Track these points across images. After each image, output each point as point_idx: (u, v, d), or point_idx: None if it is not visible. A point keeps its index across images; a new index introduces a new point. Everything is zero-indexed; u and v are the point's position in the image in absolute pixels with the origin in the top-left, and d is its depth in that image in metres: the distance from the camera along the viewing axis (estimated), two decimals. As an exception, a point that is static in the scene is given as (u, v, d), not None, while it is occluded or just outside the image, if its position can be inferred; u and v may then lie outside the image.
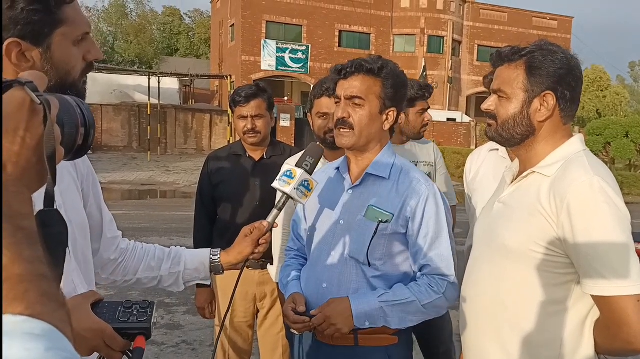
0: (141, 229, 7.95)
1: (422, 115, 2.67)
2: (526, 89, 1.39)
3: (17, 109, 0.55)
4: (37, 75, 0.62)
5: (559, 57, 1.37)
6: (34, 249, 0.50)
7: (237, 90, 2.55)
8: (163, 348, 3.92)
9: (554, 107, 1.38)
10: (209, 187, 2.59)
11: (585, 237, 1.24)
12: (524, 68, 1.39)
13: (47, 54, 1.03)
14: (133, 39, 44.32)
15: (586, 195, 1.25)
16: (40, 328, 0.43)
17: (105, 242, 1.40)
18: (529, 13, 33.61)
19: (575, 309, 1.33)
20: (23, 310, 0.44)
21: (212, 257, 1.50)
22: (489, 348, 1.44)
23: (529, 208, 1.34)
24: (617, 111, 44.96)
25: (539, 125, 1.40)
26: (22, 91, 0.56)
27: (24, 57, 1.01)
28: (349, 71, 1.65)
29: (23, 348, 0.40)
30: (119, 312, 1.11)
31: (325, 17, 28.92)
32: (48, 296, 0.47)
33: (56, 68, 1.05)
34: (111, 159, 18.39)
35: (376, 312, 1.58)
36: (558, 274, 1.32)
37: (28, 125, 0.56)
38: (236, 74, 25.90)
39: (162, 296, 4.98)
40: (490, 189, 2.13)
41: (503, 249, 1.40)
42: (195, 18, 51.32)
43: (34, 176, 0.57)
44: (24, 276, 0.46)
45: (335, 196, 1.75)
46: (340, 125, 1.66)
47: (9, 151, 0.54)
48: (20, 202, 0.53)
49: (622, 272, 1.21)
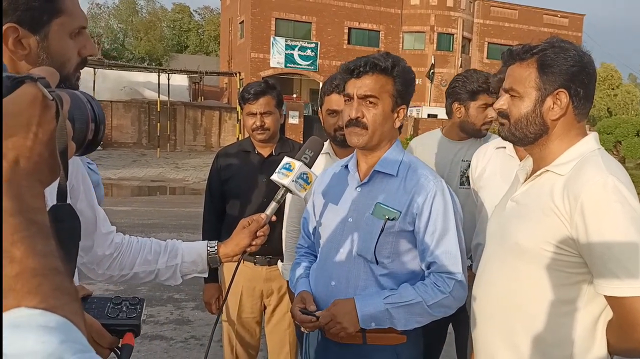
0: (151, 225, 7.99)
1: (485, 110, 2.44)
2: (538, 88, 1.37)
3: (29, 105, 0.56)
4: (49, 71, 0.63)
5: (571, 54, 1.35)
6: (47, 243, 0.51)
7: (246, 87, 2.55)
8: (172, 343, 3.94)
9: (567, 105, 1.36)
10: (218, 183, 2.60)
11: (598, 237, 1.22)
12: (536, 66, 1.38)
13: (43, 42, 1.04)
14: (143, 35, 44.51)
15: (600, 195, 1.24)
16: (54, 321, 0.44)
17: (99, 239, 1.39)
18: (540, 10, 33.32)
19: (588, 309, 1.31)
20: (37, 303, 0.45)
21: (210, 249, 1.50)
22: (500, 347, 1.43)
23: (543, 207, 1.33)
24: (628, 110, 44.49)
25: (552, 123, 1.38)
26: (35, 87, 0.57)
27: (21, 44, 1.01)
28: (362, 70, 1.62)
29: (39, 340, 0.41)
30: (107, 308, 1.09)
31: (334, 14, 28.86)
32: (61, 289, 0.48)
33: (52, 58, 1.05)
34: (121, 156, 18.49)
35: (381, 314, 1.57)
36: (571, 273, 1.31)
37: (40, 120, 0.57)
38: (245, 71, 25.92)
39: (172, 292, 5.01)
40: (497, 186, 2.11)
41: (516, 249, 1.39)
42: (205, 15, 51.43)
43: (46, 171, 0.58)
44: (37, 270, 0.47)
45: (343, 193, 1.75)
46: (354, 125, 1.64)
47: (22, 145, 0.55)
48: (33, 197, 0.53)
49: (636, 272, 1.19)
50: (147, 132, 21.35)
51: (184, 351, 3.82)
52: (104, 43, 40.71)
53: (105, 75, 21.47)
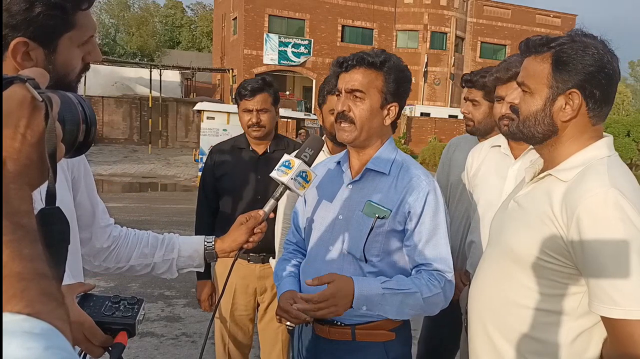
0: (142, 222, 7.95)
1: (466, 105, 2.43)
2: (550, 85, 1.27)
3: (18, 106, 0.55)
4: (39, 72, 0.62)
5: (590, 51, 1.24)
6: (34, 247, 0.50)
7: (243, 83, 2.53)
8: (163, 340, 3.93)
9: (579, 106, 1.25)
10: (211, 179, 2.59)
11: (594, 255, 1.16)
12: (551, 61, 1.27)
13: (52, 55, 1.03)
14: (135, 31, 44.22)
15: (598, 210, 1.16)
16: (39, 327, 0.43)
17: (98, 231, 1.38)
18: (533, 10, 33.50)
19: (579, 322, 1.26)
20: (22, 308, 0.44)
21: (207, 244, 1.50)
22: (486, 350, 1.41)
23: (541, 214, 1.26)
24: (619, 110, 44.88)
25: (563, 125, 1.28)
26: (24, 88, 0.56)
27: (28, 56, 1.00)
28: (350, 64, 1.63)
29: (23, 346, 0.40)
30: (105, 306, 1.08)
31: (328, 12, 28.83)
32: (47, 294, 0.47)
33: (57, 70, 1.04)
34: (112, 152, 18.38)
35: (377, 298, 1.54)
36: (565, 284, 1.25)
37: (29, 122, 0.56)
38: (238, 67, 25.85)
39: (162, 289, 4.99)
40: (491, 185, 2.12)
41: (510, 253, 1.34)
42: (198, 11, 51.23)
43: (35, 173, 0.57)
44: (23, 274, 0.46)
45: (335, 190, 1.74)
46: (341, 119, 1.64)
47: (10, 147, 0.54)
48: (20, 199, 0.52)
49: (631, 295, 1.13)
50: (139, 128, 21.25)
51: (175, 348, 3.81)
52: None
53: (97, 71, 21.33)
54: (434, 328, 2.61)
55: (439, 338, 2.58)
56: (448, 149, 2.71)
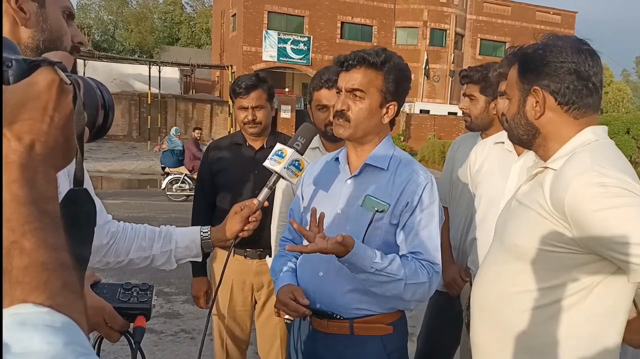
0: (141, 218, 7.93)
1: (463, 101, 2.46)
2: (520, 88, 1.36)
3: (46, 89, 0.56)
4: (64, 56, 0.63)
5: (550, 49, 1.31)
6: (58, 236, 0.50)
7: (237, 80, 2.53)
8: (162, 337, 3.93)
9: (544, 102, 1.32)
10: (209, 175, 2.59)
11: (600, 236, 1.17)
12: (517, 67, 1.37)
13: (42, 9, 1.06)
14: (134, 27, 44.09)
15: (583, 194, 1.18)
16: (60, 321, 0.43)
17: (97, 230, 1.39)
18: (533, 7, 33.43)
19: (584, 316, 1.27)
20: (44, 300, 0.44)
21: (203, 234, 1.54)
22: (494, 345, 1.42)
23: (538, 208, 1.29)
24: (619, 107, 44.88)
25: (539, 123, 1.34)
26: (52, 71, 0.57)
27: (21, 9, 1.02)
28: (351, 63, 1.64)
29: (45, 341, 0.40)
30: (119, 293, 1.13)
31: (327, 8, 28.76)
32: (68, 286, 0.47)
33: (50, 29, 1.07)
34: (111, 148, 18.36)
35: (362, 271, 1.52)
36: (568, 276, 1.26)
37: (56, 104, 0.56)
38: (237, 64, 25.79)
39: (162, 285, 5.00)
40: (494, 182, 2.12)
41: (514, 249, 1.36)
42: (197, 7, 51.04)
43: (60, 156, 0.58)
44: (47, 264, 0.46)
45: (333, 186, 1.76)
46: (339, 116, 1.67)
47: (38, 129, 0.54)
48: (47, 184, 0.53)
49: None
50: (138, 124, 21.22)
51: (174, 345, 3.82)
52: (94, 35, 40.33)
53: (95, 67, 21.27)
54: (433, 324, 2.61)
55: (439, 334, 2.58)
56: (452, 147, 2.74)
